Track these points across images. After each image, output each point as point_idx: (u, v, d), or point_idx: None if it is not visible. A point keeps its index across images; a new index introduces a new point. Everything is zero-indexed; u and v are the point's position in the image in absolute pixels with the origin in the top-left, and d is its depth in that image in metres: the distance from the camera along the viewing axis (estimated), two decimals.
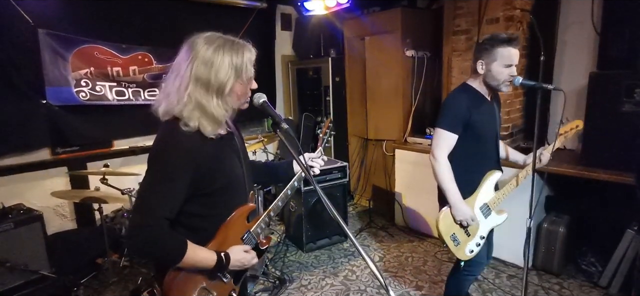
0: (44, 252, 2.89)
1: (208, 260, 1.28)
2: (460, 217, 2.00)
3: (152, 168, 1.22)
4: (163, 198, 1.20)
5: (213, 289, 1.37)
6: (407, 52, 4.03)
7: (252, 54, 1.30)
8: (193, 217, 1.30)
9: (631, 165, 2.54)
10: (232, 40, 1.27)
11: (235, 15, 4.43)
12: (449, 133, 2.01)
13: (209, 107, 1.22)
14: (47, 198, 3.12)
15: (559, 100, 3.46)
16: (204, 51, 1.21)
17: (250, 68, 1.29)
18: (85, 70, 3.41)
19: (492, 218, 2.14)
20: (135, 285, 2.91)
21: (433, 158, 2.04)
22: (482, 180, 2.09)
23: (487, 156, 2.13)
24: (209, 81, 1.21)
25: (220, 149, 1.32)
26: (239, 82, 1.26)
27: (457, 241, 2.06)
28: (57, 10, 3.23)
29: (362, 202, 4.94)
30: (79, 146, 3.54)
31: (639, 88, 2.56)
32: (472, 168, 2.08)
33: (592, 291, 2.90)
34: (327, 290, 3.09)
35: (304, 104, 5.31)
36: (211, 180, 1.28)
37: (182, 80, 1.21)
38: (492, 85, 2.01)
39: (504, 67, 1.93)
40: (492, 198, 2.12)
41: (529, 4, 3.40)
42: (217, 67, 1.21)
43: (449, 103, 2.08)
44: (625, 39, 2.76)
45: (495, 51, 1.93)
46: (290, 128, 1.35)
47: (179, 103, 1.21)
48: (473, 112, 1.99)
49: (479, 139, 2.06)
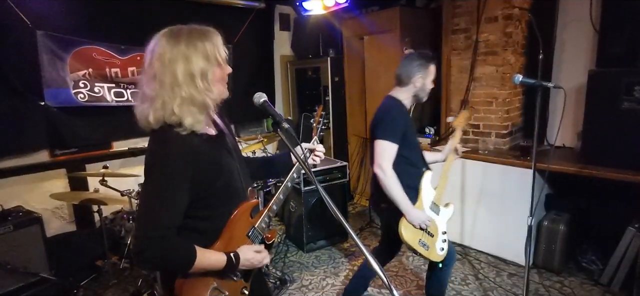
0: (43, 254, 2.88)
1: (218, 262, 1.27)
2: (416, 221, 2.09)
3: (150, 178, 1.19)
4: (166, 208, 1.17)
5: (225, 288, 1.35)
6: (406, 51, 4.01)
7: (219, 37, 1.28)
8: (197, 219, 1.29)
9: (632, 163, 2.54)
10: (196, 27, 1.25)
11: (234, 15, 4.43)
12: (391, 144, 2.09)
13: (198, 96, 1.20)
14: (46, 200, 3.12)
15: (558, 98, 3.46)
16: (175, 45, 1.18)
17: (223, 50, 1.27)
18: (84, 72, 3.40)
19: (443, 213, 2.27)
20: (135, 287, 2.90)
21: (381, 171, 2.09)
22: (421, 182, 2.20)
23: (419, 160, 2.27)
24: (191, 72, 1.18)
25: (214, 148, 1.31)
26: (216, 65, 1.24)
27: (426, 245, 2.14)
28: (55, 11, 3.22)
29: (362, 202, 4.93)
30: (78, 148, 3.53)
31: (638, 86, 2.56)
32: (412, 173, 2.19)
33: (593, 289, 2.90)
34: (328, 290, 3.08)
35: (303, 104, 5.30)
36: (210, 180, 1.27)
37: (163, 80, 1.17)
38: (420, 97, 2.22)
39: (431, 82, 2.20)
40: (435, 195, 2.24)
41: (527, 3, 3.40)
42: (194, 56, 1.18)
43: (389, 117, 2.17)
44: (624, 37, 2.77)
45: (429, 67, 2.16)
46: (291, 127, 1.34)
47: (165, 105, 1.17)
48: (407, 121, 2.17)
49: (413, 146, 2.22)
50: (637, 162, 2.58)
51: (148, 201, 1.20)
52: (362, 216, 4.55)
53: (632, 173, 2.56)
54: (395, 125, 2.11)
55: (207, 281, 1.31)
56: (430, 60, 2.18)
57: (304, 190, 3.55)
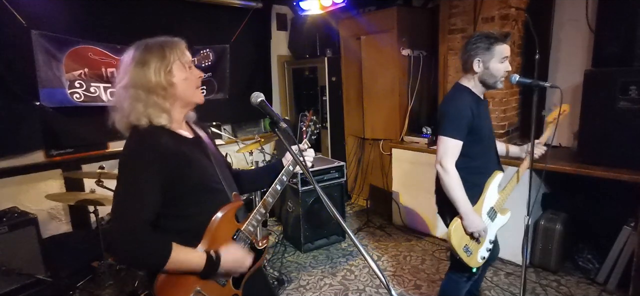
0: (39, 256, 2.87)
1: (197, 260, 1.25)
2: (472, 228, 1.94)
3: (121, 175, 1.24)
4: (135, 202, 1.19)
5: (210, 293, 1.32)
6: (403, 51, 4.03)
7: (182, 42, 1.34)
8: (173, 218, 1.29)
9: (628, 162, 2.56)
10: (161, 38, 1.32)
11: (231, 15, 4.41)
12: (455, 141, 1.93)
13: (163, 101, 1.27)
14: (41, 201, 3.09)
15: (554, 98, 3.48)
16: (136, 55, 1.27)
17: (185, 53, 1.33)
18: (79, 71, 3.38)
19: (498, 220, 2.11)
20: (131, 288, 2.89)
21: (442, 169, 1.95)
22: (487, 183, 2.04)
23: (490, 158, 2.09)
24: (148, 78, 1.25)
25: (188, 149, 1.32)
26: (176, 67, 1.29)
27: (470, 251, 1.99)
28: (51, 10, 3.20)
29: (359, 202, 4.93)
30: (74, 148, 3.51)
31: (633, 86, 2.58)
32: (478, 171, 2.03)
33: (589, 288, 2.91)
34: (325, 290, 3.08)
35: (300, 104, 5.30)
36: (183, 177, 1.27)
37: (129, 86, 1.26)
38: (489, 83, 1.97)
39: (500, 63, 1.92)
40: (497, 200, 2.08)
41: (524, 2, 3.41)
42: (150, 60, 1.25)
43: (452, 109, 1.98)
44: (620, 37, 2.78)
45: (493, 48, 1.91)
46: (288, 127, 1.33)
47: (132, 112, 1.25)
48: (474, 114, 1.94)
49: (482, 141, 2.01)
50: (632, 161, 2.60)
51: (118, 197, 1.22)
52: (359, 216, 4.56)
53: (628, 172, 2.58)
54: (459, 119, 1.92)
55: (189, 284, 1.28)
56: (495, 41, 1.90)
57: (302, 190, 3.55)
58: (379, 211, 4.52)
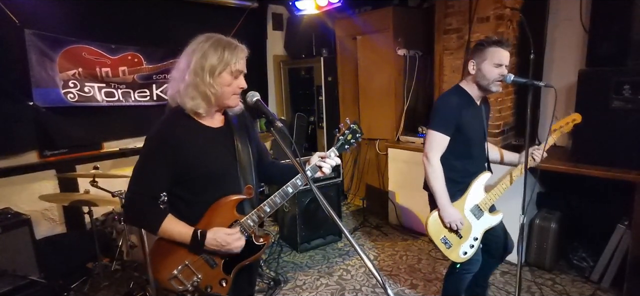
0: (32, 257, 2.84)
1: (184, 233, 1.38)
2: (448, 219, 2.03)
3: (140, 152, 1.42)
4: (143, 177, 1.39)
5: (198, 270, 1.43)
6: (399, 51, 4.04)
7: (244, 52, 1.43)
8: (180, 200, 1.44)
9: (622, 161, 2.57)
10: (229, 39, 1.42)
11: (226, 15, 4.39)
12: (442, 135, 2.03)
13: (201, 86, 1.35)
14: (35, 202, 3.06)
15: (549, 98, 3.50)
16: (201, 42, 1.38)
17: (241, 63, 1.41)
18: (74, 71, 3.35)
19: (485, 219, 2.15)
20: (126, 289, 2.87)
21: (426, 160, 2.06)
22: (471, 182, 2.11)
23: (475, 158, 2.16)
24: (203, 66, 1.34)
25: (209, 140, 1.42)
26: (227, 71, 1.37)
27: (449, 243, 2.08)
28: (44, 9, 3.16)
29: (355, 202, 4.94)
30: (68, 148, 3.47)
31: (627, 85, 2.60)
32: (461, 169, 2.11)
33: (584, 286, 2.93)
34: (322, 290, 3.08)
35: (297, 104, 5.29)
36: (191, 167, 1.38)
37: (183, 68, 1.38)
38: (483, 85, 2.04)
39: (494, 66, 1.98)
40: (482, 199, 2.13)
41: (518, 3, 3.43)
42: (210, 55, 1.35)
43: (441, 105, 2.10)
44: (614, 36, 2.79)
45: (486, 51, 1.98)
46: (284, 127, 1.33)
47: (176, 85, 1.39)
48: (463, 114, 2.03)
49: (468, 141, 2.09)
50: (626, 160, 2.62)
51: (134, 170, 1.42)
52: (356, 215, 4.56)
53: (622, 171, 2.60)
54: (443, 115, 2.03)
55: (179, 257, 1.42)
56: (490, 45, 1.97)
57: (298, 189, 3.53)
58: (375, 211, 4.52)
